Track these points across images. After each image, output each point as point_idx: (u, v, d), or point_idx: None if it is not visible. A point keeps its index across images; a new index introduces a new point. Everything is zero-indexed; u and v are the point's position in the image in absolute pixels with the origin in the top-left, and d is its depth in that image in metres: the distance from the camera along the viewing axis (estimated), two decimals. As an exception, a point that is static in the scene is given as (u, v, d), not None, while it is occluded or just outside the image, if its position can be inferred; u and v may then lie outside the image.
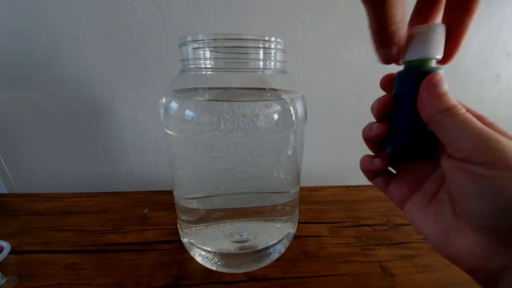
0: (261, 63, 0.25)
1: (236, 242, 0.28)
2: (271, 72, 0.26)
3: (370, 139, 0.20)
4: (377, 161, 0.20)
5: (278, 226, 0.30)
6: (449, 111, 0.15)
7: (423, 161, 0.19)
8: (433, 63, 0.16)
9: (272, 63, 0.25)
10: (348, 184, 0.49)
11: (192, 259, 0.30)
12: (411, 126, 0.17)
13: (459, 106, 0.15)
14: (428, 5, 0.17)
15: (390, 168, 0.21)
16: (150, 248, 0.32)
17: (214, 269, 0.28)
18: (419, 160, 0.19)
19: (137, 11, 0.39)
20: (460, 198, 0.15)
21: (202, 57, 0.24)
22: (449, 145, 0.15)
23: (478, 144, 0.14)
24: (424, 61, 0.16)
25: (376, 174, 0.21)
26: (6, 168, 0.48)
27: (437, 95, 0.15)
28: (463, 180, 0.15)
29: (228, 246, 0.28)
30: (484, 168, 0.14)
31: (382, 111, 0.19)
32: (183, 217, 0.30)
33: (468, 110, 0.17)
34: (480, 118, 0.16)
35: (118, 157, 0.49)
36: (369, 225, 0.37)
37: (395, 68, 0.18)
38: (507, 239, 0.14)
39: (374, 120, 0.20)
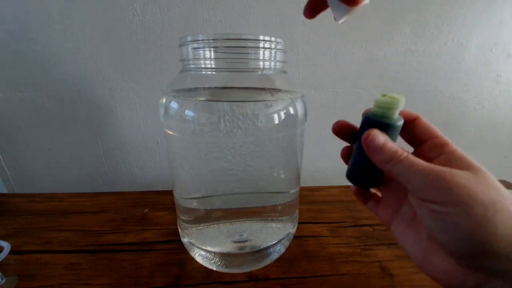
0: (261, 63, 0.25)
1: (236, 242, 0.28)
2: (271, 72, 0.26)
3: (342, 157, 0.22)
4: (352, 186, 0.23)
5: (278, 226, 0.30)
6: (392, 160, 0.16)
7: (399, 186, 0.20)
8: (396, 115, 0.17)
9: (272, 63, 0.25)
10: (348, 184, 0.48)
11: (192, 259, 0.30)
12: (361, 161, 0.19)
13: (400, 152, 0.16)
14: None
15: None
16: (150, 248, 0.32)
17: (214, 269, 0.28)
18: (394, 185, 0.21)
19: (137, 11, 0.39)
20: (426, 228, 0.17)
21: (202, 57, 0.24)
22: (406, 186, 0.16)
23: (427, 184, 0.15)
24: (388, 110, 0.17)
25: (362, 197, 0.23)
26: (6, 168, 0.48)
27: (376, 149, 0.16)
28: (424, 214, 0.16)
29: (228, 246, 0.28)
30: (437, 206, 0.15)
31: (340, 135, 0.21)
32: (183, 217, 0.30)
33: (432, 138, 0.18)
34: (443, 146, 0.17)
35: (118, 157, 0.49)
36: (369, 225, 0.36)
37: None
38: (473, 264, 0.15)
39: None
